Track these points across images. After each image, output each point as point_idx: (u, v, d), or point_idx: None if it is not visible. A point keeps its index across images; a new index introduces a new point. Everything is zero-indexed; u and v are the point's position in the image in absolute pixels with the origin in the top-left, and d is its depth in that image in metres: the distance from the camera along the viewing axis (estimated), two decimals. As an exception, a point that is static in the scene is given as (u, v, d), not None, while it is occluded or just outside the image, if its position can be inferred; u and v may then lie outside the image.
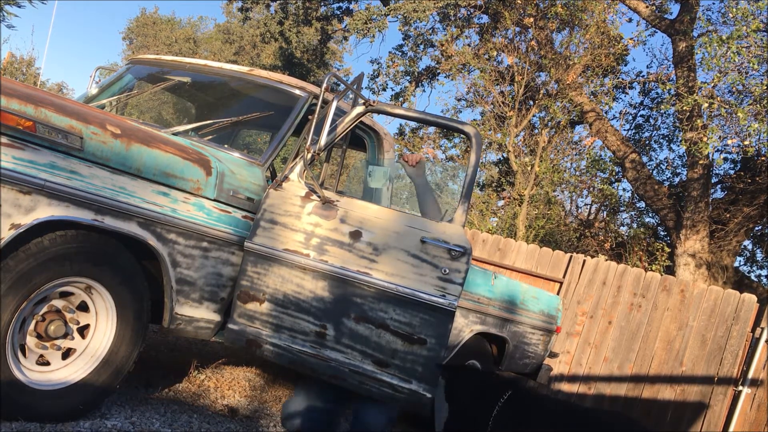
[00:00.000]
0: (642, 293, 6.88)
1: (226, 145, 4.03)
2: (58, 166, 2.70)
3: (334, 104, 3.62)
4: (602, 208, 13.74)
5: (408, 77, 14.15)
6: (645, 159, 12.76)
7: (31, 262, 2.70)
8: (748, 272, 13.64)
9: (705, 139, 9.18)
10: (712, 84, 9.29)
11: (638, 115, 14.11)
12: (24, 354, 2.86)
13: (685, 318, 6.69)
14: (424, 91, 14.53)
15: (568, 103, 11.92)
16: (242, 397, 4.25)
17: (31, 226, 2.64)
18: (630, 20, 14.58)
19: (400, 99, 14.00)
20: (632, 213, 13.78)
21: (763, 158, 10.07)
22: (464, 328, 4.39)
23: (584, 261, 7.22)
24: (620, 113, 13.96)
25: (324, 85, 3.62)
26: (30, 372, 2.86)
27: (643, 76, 13.58)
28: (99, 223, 2.87)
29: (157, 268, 3.23)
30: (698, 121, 9.76)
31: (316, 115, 3.65)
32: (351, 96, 4.00)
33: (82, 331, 3.05)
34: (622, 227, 13.81)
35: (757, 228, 12.12)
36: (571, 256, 7.33)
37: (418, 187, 4.13)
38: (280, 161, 9.17)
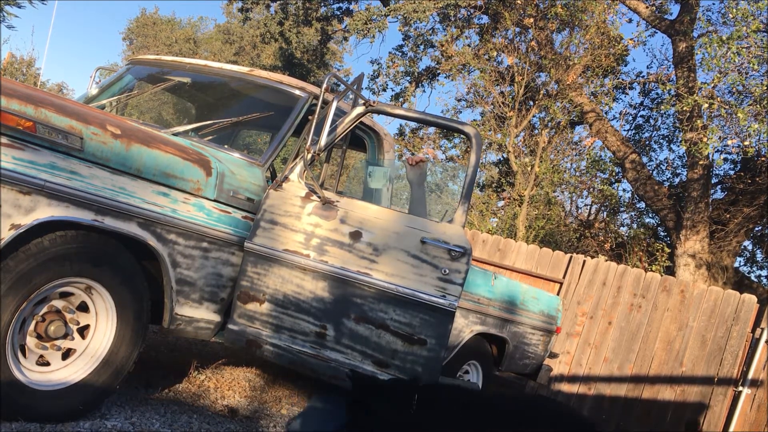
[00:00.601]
0: (642, 294, 6.88)
1: (226, 146, 4.03)
2: (58, 167, 2.70)
3: (334, 105, 3.62)
4: (602, 208, 13.74)
5: (408, 77, 14.16)
6: (645, 159, 12.76)
7: (31, 263, 2.70)
8: (748, 273, 13.64)
9: (705, 139, 9.18)
10: (712, 84, 9.29)
11: (638, 115, 14.12)
12: (24, 354, 2.86)
13: (685, 318, 6.68)
14: (424, 91, 14.54)
15: (568, 103, 11.92)
16: (242, 398, 4.25)
17: (31, 226, 2.64)
18: (630, 21, 14.64)
19: (400, 99, 14.00)
20: (632, 213, 13.78)
21: (763, 159, 10.07)
22: (464, 328, 4.39)
23: (584, 261, 7.22)
24: (620, 114, 13.96)
25: (324, 85, 3.63)
26: (30, 372, 2.86)
27: (643, 76, 13.59)
28: (99, 224, 2.87)
29: (157, 268, 3.23)
30: (698, 121, 9.76)
31: (316, 116, 3.66)
32: (351, 96, 4.00)
33: (82, 331, 3.05)
34: (622, 228, 13.82)
35: (757, 228, 12.12)
36: (571, 257, 7.33)
37: (413, 190, 4.13)
38: (280, 162, 9.16)
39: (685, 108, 9.36)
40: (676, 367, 6.62)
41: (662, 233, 12.78)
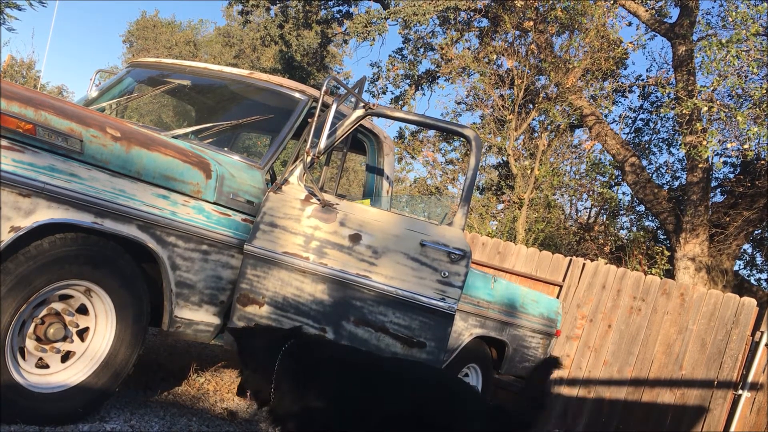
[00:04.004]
0: (642, 297, 6.88)
1: (226, 148, 4.04)
2: (58, 169, 2.70)
3: (334, 107, 3.63)
4: (602, 211, 13.75)
5: (408, 80, 14.18)
6: (645, 162, 12.77)
7: (31, 265, 2.70)
8: (748, 276, 13.66)
9: (704, 142, 9.18)
10: (712, 88, 9.30)
11: (638, 118, 14.14)
12: (23, 357, 2.86)
13: (684, 322, 6.68)
14: (423, 94, 14.61)
15: (568, 106, 11.93)
16: (242, 401, 4.25)
17: (31, 228, 2.64)
18: (630, 24, 14.65)
19: (400, 102, 14.02)
20: (632, 216, 13.79)
21: (762, 162, 10.08)
22: (464, 331, 4.39)
23: (584, 264, 7.22)
24: (620, 117, 13.99)
25: (324, 88, 3.63)
26: (29, 375, 2.86)
27: (642, 79, 13.61)
28: (99, 226, 2.87)
29: (157, 271, 3.23)
30: (698, 124, 9.77)
31: (315, 118, 3.66)
32: (351, 99, 4.01)
33: (82, 334, 3.05)
34: (621, 231, 13.82)
35: (756, 232, 12.13)
36: (570, 260, 7.33)
37: None
38: (279, 164, 9.16)
39: (684, 111, 9.36)
40: (676, 371, 6.61)
41: (662, 236, 12.79)
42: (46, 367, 2.95)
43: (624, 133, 13.63)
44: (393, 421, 2.73)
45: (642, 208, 12.92)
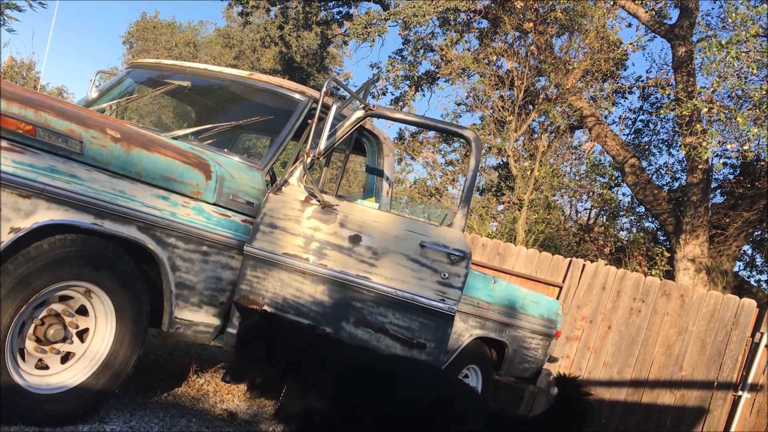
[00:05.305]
0: (641, 298, 6.88)
1: (225, 150, 4.03)
2: (58, 170, 2.70)
3: (334, 109, 3.63)
4: (602, 212, 13.75)
5: (408, 82, 14.18)
6: (644, 164, 12.78)
7: (31, 266, 2.70)
8: (748, 277, 13.66)
9: (704, 143, 9.19)
10: (712, 89, 9.30)
11: (638, 119, 14.15)
12: (23, 358, 2.86)
13: (684, 323, 6.68)
14: (423, 95, 14.61)
15: (568, 107, 11.94)
16: (241, 402, 4.25)
17: (31, 229, 2.64)
18: (629, 25, 14.69)
19: (400, 103, 14.02)
20: (632, 218, 13.79)
21: (762, 163, 10.08)
22: (464, 332, 4.39)
23: (584, 265, 7.22)
24: (620, 118, 14.00)
25: (324, 89, 3.63)
26: (29, 376, 2.86)
27: (642, 80, 13.62)
28: (98, 227, 2.87)
29: (157, 272, 3.23)
30: (698, 125, 9.77)
31: (315, 120, 3.66)
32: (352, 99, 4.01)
33: (81, 335, 3.04)
34: (621, 232, 13.83)
35: (756, 233, 12.12)
36: (570, 261, 7.33)
37: None
38: (279, 165, 9.16)
39: (684, 112, 9.36)
40: (676, 372, 6.61)
41: (662, 237, 12.79)
42: (46, 368, 2.95)
43: (624, 134, 13.65)
44: (408, 421, 2.67)
45: (642, 209, 12.93)
